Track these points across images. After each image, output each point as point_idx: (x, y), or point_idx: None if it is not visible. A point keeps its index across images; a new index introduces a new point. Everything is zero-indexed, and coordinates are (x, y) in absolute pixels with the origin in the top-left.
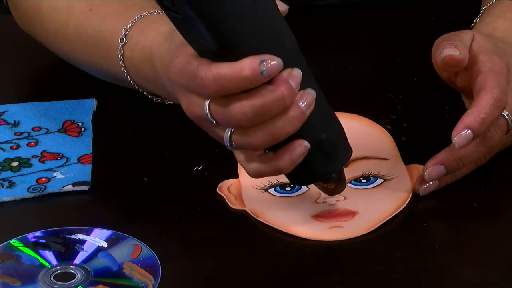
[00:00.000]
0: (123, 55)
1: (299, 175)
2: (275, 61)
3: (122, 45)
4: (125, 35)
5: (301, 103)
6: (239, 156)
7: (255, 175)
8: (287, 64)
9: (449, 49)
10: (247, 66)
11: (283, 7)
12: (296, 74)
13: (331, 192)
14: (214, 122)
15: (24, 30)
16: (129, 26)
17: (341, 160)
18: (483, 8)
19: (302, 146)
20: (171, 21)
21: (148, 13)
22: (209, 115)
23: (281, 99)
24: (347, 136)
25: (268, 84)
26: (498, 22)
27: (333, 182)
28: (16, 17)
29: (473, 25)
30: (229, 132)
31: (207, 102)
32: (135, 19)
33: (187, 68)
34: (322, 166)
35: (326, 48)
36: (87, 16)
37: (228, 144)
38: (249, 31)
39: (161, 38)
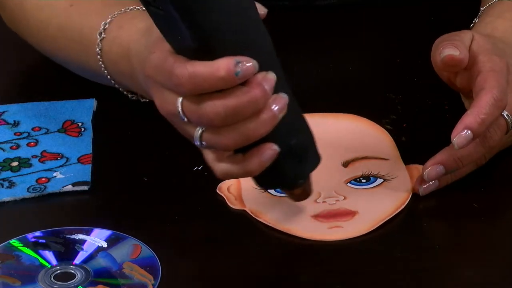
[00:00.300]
0: (101, 49)
1: (267, 179)
2: (251, 63)
3: (100, 39)
4: (104, 30)
5: (273, 107)
6: (208, 155)
7: (223, 176)
8: (263, 67)
9: (449, 49)
10: (223, 66)
11: (262, 10)
12: (270, 77)
13: (296, 198)
14: (186, 119)
15: (12, 30)
16: (108, 20)
17: (309, 166)
18: (482, 9)
19: (271, 149)
20: (151, 17)
21: (128, 8)
22: (181, 113)
23: (254, 101)
24: (347, 136)
25: (242, 85)
26: (498, 22)
27: (300, 188)
28: (4, 17)
29: (473, 25)
30: (200, 130)
31: (181, 100)
32: (115, 14)
33: (163, 65)
34: (291, 171)
35: (326, 48)
36: (68, 12)
37: (198, 143)
38: (228, 32)
39: (139, 34)
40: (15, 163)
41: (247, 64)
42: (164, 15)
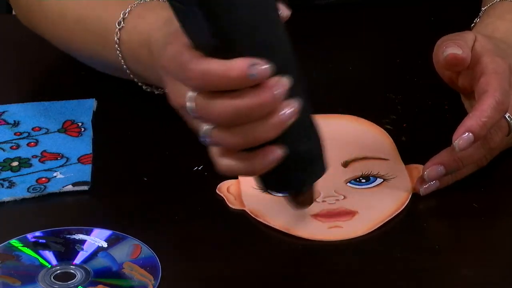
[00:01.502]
0: (119, 39)
1: (270, 182)
2: (266, 67)
3: (119, 29)
4: (123, 19)
5: (283, 112)
6: (214, 149)
7: (226, 171)
8: (279, 71)
9: (452, 48)
10: (237, 67)
11: (285, 12)
12: (283, 82)
13: (297, 205)
14: (195, 114)
15: (25, 25)
16: (128, 10)
17: (315, 174)
18: (483, 9)
19: (276, 153)
20: (172, 11)
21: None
22: (190, 107)
23: (263, 104)
24: (346, 136)
25: (254, 88)
26: (498, 23)
27: (302, 195)
28: (17, 13)
29: (473, 26)
30: (207, 127)
31: (191, 94)
32: (134, 4)
33: (178, 58)
34: (295, 176)
35: (326, 48)
36: (85, 3)
37: (204, 139)
38: (248, 33)
39: (160, 22)
40: (15, 163)
41: (262, 67)
42: (186, 11)
